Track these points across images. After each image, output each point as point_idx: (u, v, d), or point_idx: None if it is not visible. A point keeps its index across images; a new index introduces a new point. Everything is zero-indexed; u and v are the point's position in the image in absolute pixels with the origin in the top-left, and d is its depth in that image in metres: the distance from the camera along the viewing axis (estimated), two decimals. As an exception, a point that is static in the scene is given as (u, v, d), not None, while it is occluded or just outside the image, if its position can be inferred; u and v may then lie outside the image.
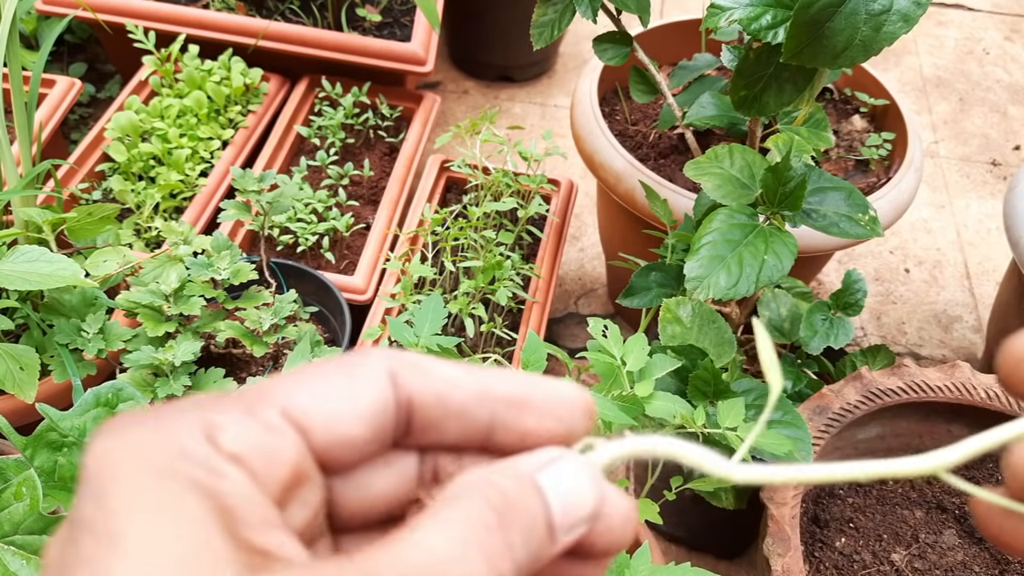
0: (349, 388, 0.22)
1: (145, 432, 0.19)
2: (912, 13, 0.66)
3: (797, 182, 0.73)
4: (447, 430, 0.23)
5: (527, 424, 0.23)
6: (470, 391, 0.23)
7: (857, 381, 0.86)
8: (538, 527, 0.21)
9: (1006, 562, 0.82)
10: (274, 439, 0.20)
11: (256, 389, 0.21)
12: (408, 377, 0.23)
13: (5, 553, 0.54)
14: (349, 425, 0.21)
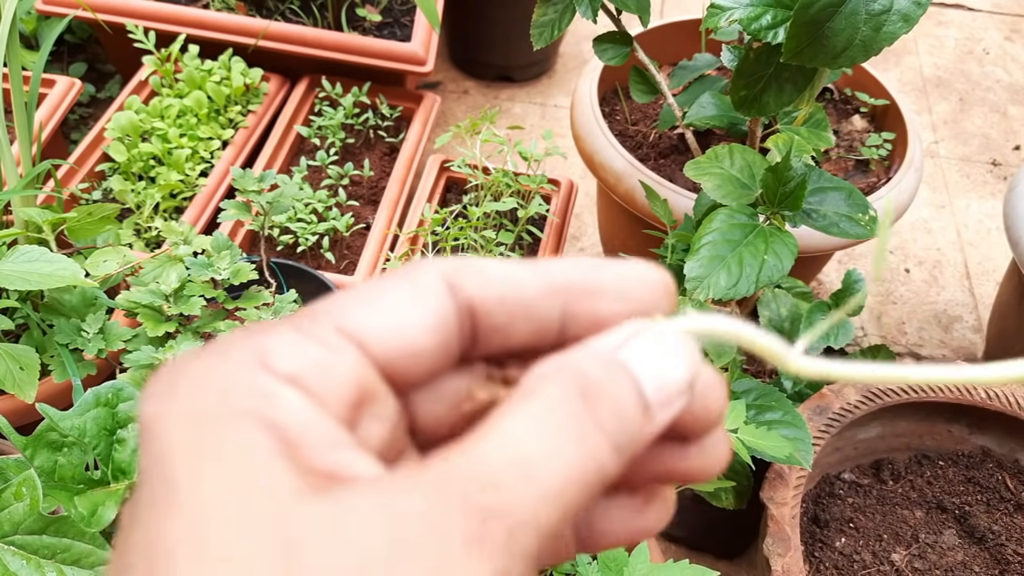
0: (406, 299, 0.20)
1: (196, 372, 0.19)
2: (912, 13, 0.66)
3: (797, 182, 0.73)
4: (515, 332, 0.22)
5: (602, 311, 0.22)
6: (534, 287, 0.21)
7: (857, 381, 0.86)
8: (630, 406, 0.20)
9: (1006, 562, 0.82)
10: (331, 356, 0.19)
11: (307, 311, 0.20)
12: (466, 282, 0.21)
13: (5, 553, 0.54)
14: (410, 336, 0.20)
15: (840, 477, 0.91)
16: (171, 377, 0.19)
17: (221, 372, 0.18)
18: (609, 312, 0.22)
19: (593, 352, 0.20)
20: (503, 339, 0.22)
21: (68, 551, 0.55)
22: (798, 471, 0.79)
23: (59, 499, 0.57)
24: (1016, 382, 0.22)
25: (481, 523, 0.17)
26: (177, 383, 0.19)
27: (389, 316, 0.20)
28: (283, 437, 0.18)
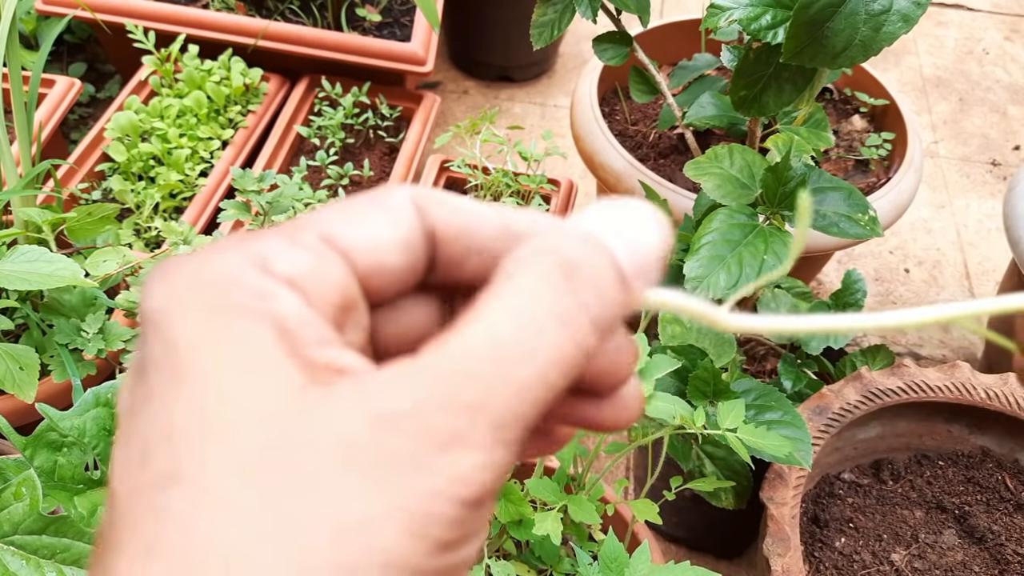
0: (381, 217, 0.21)
1: (197, 269, 0.19)
2: (912, 13, 0.66)
3: (797, 182, 0.73)
4: (468, 267, 0.22)
5: None
6: (493, 226, 0.22)
7: (857, 381, 0.86)
8: (609, 280, 0.20)
9: (1006, 562, 0.82)
10: (320, 263, 0.20)
11: (292, 222, 0.21)
12: (432, 209, 0.22)
13: (5, 553, 0.54)
14: (387, 251, 0.21)
15: (840, 477, 0.91)
16: (172, 274, 0.20)
17: (222, 271, 0.19)
18: None
19: (568, 230, 0.21)
20: (456, 271, 0.23)
21: (68, 551, 0.55)
22: (798, 471, 0.79)
23: (59, 499, 0.57)
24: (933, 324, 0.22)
25: (465, 419, 0.17)
26: (178, 279, 0.19)
27: (367, 231, 0.21)
28: (284, 331, 0.18)
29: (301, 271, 0.20)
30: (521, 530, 0.63)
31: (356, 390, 0.18)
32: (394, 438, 0.17)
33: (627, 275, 0.20)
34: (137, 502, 0.17)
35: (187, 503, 0.17)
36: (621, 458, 0.97)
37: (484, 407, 0.18)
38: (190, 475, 0.17)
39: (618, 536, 0.64)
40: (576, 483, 0.69)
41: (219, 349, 0.18)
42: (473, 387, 0.18)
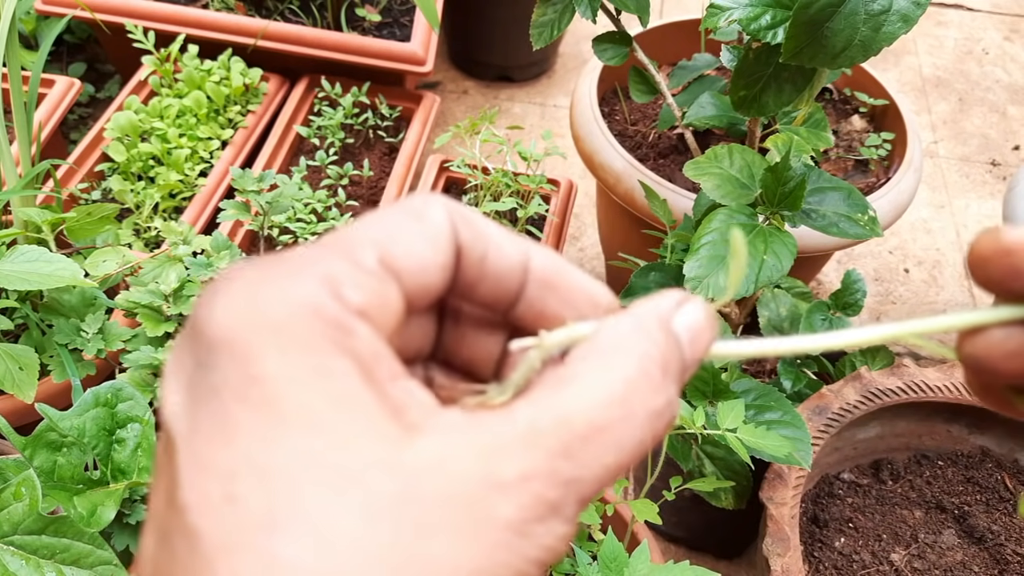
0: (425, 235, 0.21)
1: (271, 292, 0.19)
2: (911, 13, 0.66)
3: (796, 182, 0.73)
4: (479, 292, 0.23)
5: (550, 307, 0.23)
6: (514, 259, 0.23)
7: (856, 381, 0.86)
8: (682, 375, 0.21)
9: (1005, 562, 0.82)
10: (383, 289, 0.20)
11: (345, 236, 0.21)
12: (463, 230, 0.22)
13: (4, 553, 0.54)
14: (432, 273, 0.21)
15: (839, 477, 0.91)
16: (243, 295, 0.19)
17: (302, 299, 0.19)
18: (554, 310, 0.23)
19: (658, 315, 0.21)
20: (469, 294, 0.23)
21: (67, 551, 0.55)
22: (797, 471, 0.79)
23: (58, 499, 0.57)
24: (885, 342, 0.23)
25: (562, 494, 0.18)
26: (254, 303, 0.19)
27: (416, 252, 0.21)
28: (366, 369, 0.19)
29: (371, 301, 0.19)
30: (521, 530, 0.63)
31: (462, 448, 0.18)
32: (504, 505, 0.18)
33: (687, 366, 0.22)
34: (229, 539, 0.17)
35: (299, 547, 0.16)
36: (621, 458, 0.97)
37: (576, 483, 0.18)
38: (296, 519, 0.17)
39: (618, 536, 0.64)
40: (576, 483, 0.69)
41: (311, 389, 0.18)
42: (570, 465, 0.18)
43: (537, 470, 0.18)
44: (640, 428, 0.19)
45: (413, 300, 0.21)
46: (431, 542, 0.17)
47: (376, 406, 0.18)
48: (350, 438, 0.17)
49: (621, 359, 0.20)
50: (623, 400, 0.19)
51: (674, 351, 0.21)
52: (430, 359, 0.25)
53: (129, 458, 0.61)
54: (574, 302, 0.23)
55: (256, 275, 0.19)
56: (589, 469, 0.19)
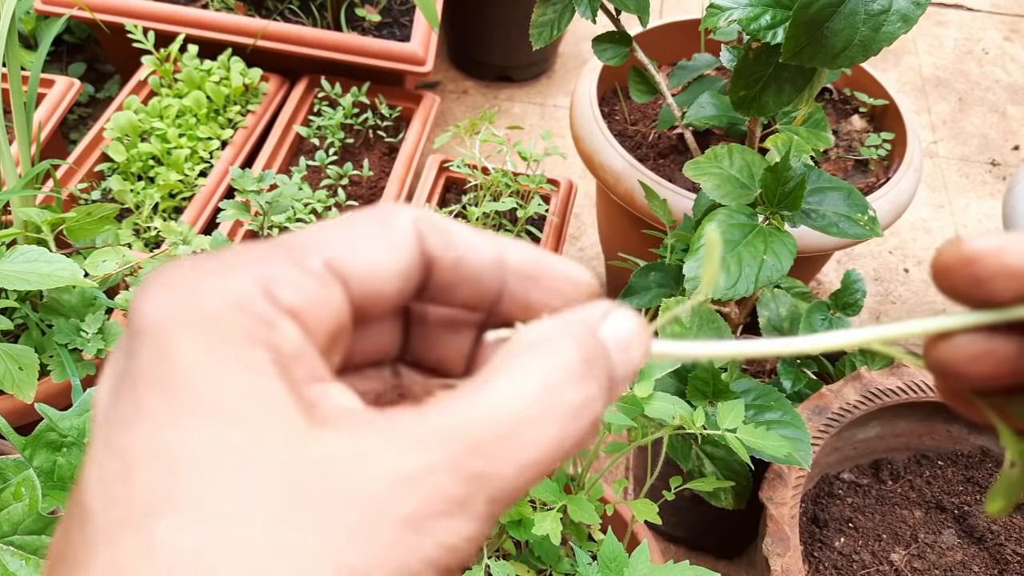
0: (386, 241, 0.21)
1: (203, 285, 0.19)
2: (911, 13, 0.66)
3: (796, 182, 0.73)
4: (458, 294, 0.23)
5: (534, 298, 0.23)
6: (488, 259, 0.23)
7: (856, 381, 0.86)
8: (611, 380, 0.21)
9: (1005, 562, 0.82)
10: (323, 291, 0.20)
11: (298, 239, 0.21)
12: (432, 238, 0.22)
13: (4, 553, 0.54)
14: (385, 280, 0.21)
15: (839, 477, 0.91)
16: (174, 285, 0.19)
17: (230, 293, 0.19)
18: (539, 300, 0.23)
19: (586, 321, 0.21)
20: (446, 298, 0.23)
21: (67, 551, 0.55)
22: (797, 471, 0.79)
23: (58, 499, 0.57)
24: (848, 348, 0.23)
25: (468, 489, 0.18)
26: (181, 293, 0.19)
27: (370, 257, 0.21)
28: (284, 365, 0.19)
29: (304, 302, 0.20)
30: (520, 530, 0.63)
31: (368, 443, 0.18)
32: (405, 499, 0.17)
33: (616, 379, 0.21)
34: (116, 520, 0.17)
35: (180, 531, 0.16)
36: (621, 458, 0.97)
37: (486, 480, 0.18)
38: (187, 503, 0.16)
39: (617, 536, 0.64)
40: (575, 483, 0.69)
41: (223, 378, 0.18)
42: (479, 461, 0.18)
43: (442, 465, 0.18)
44: (557, 429, 0.19)
45: (366, 305, 0.21)
46: (323, 535, 0.17)
47: (287, 401, 0.18)
48: (254, 428, 0.17)
49: (540, 360, 0.20)
50: (539, 400, 0.19)
51: (598, 356, 0.21)
52: (400, 359, 0.26)
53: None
54: (557, 289, 0.23)
55: (192, 269, 0.19)
56: (501, 466, 0.18)
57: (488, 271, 0.23)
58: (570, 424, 0.19)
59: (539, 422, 0.19)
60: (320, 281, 0.20)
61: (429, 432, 0.18)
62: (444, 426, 0.18)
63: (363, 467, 0.17)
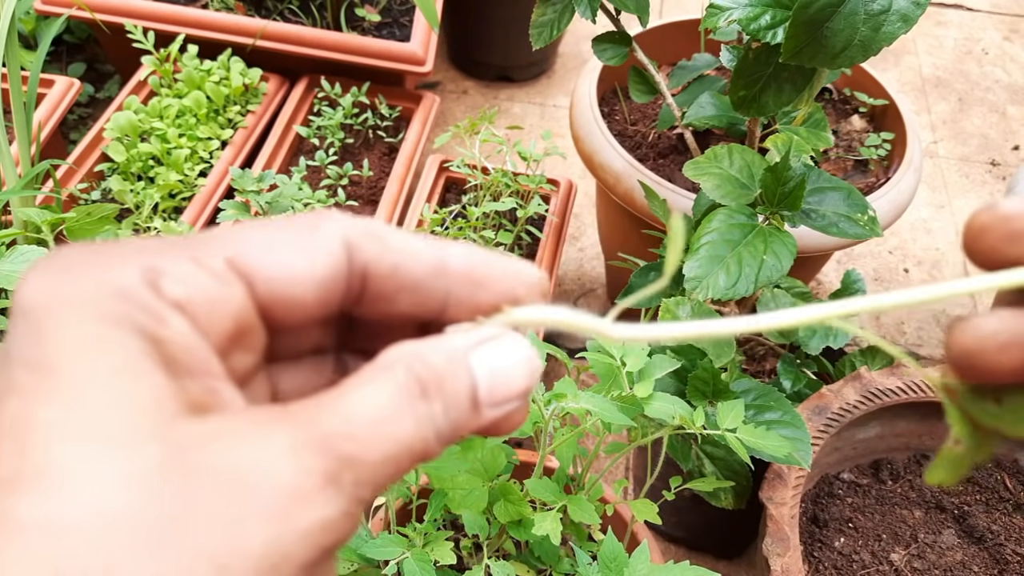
0: (303, 247, 0.21)
1: (86, 272, 0.19)
2: (911, 13, 0.66)
3: (796, 182, 0.73)
4: (400, 302, 0.23)
5: (482, 301, 0.23)
6: (427, 265, 0.23)
7: (856, 381, 0.86)
8: (462, 402, 0.21)
9: (1005, 562, 0.82)
10: (220, 289, 0.20)
11: (208, 236, 0.21)
12: (366, 247, 0.22)
13: None
14: (296, 285, 0.21)
15: (839, 477, 0.91)
16: (58, 270, 0.19)
17: (112, 281, 0.19)
18: (488, 304, 0.23)
19: (446, 347, 0.22)
20: (387, 306, 0.23)
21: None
22: (797, 471, 0.79)
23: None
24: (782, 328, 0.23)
25: (338, 467, 0.19)
26: (65, 278, 0.19)
27: (281, 261, 0.21)
28: (166, 356, 0.19)
29: (195, 296, 0.20)
30: (520, 530, 0.63)
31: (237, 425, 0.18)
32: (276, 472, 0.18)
33: (482, 403, 0.22)
34: None
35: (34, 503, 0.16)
36: (620, 458, 0.97)
37: (355, 463, 0.19)
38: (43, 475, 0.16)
39: (617, 536, 0.64)
40: (575, 483, 0.69)
41: (95, 360, 0.18)
42: (349, 444, 0.19)
43: (312, 442, 0.18)
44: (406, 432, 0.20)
45: (280, 309, 0.21)
46: (189, 508, 0.17)
47: (164, 387, 0.18)
48: (123, 408, 0.17)
49: (385, 376, 0.21)
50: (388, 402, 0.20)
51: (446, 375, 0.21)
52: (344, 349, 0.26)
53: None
54: (505, 290, 0.24)
55: (78, 256, 0.20)
56: (367, 452, 0.19)
57: (429, 277, 0.23)
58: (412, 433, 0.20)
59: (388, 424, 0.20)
60: (218, 279, 0.20)
61: (301, 416, 0.19)
62: (314, 413, 0.19)
63: (233, 444, 0.18)
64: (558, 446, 0.65)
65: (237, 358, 0.21)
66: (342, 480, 0.18)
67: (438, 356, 0.21)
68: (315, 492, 0.18)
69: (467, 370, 0.22)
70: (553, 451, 0.66)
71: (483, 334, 0.23)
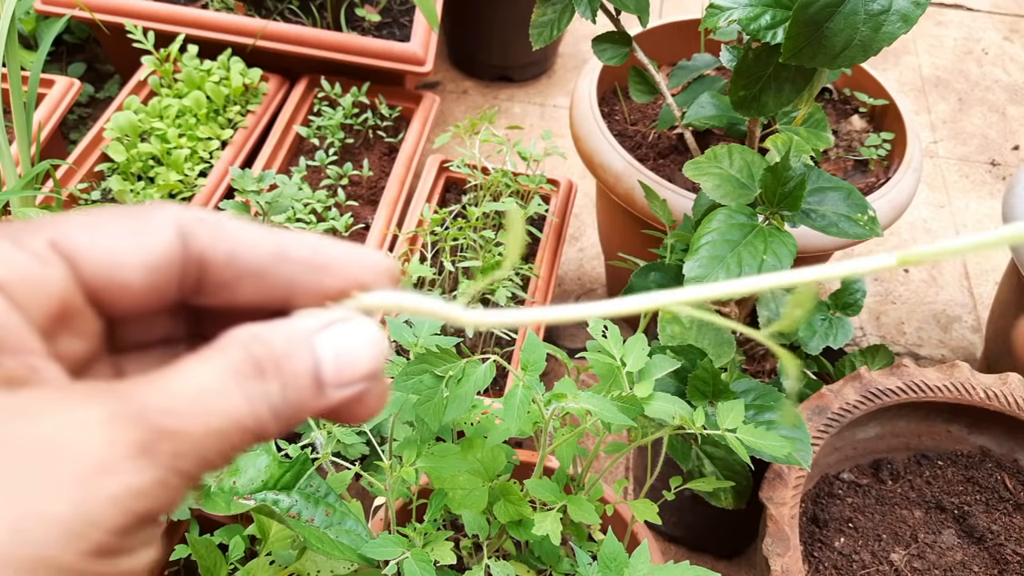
0: (131, 233, 0.22)
1: None
2: (911, 13, 0.66)
3: (796, 182, 0.73)
4: (242, 291, 0.23)
5: (328, 287, 0.23)
6: (267, 252, 0.23)
7: (856, 381, 0.86)
8: (302, 383, 0.22)
9: (1005, 562, 0.82)
10: (40, 269, 0.20)
11: (34, 220, 0.21)
12: (201, 234, 0.22)
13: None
14: (122, 269, 0.21)
15: (839, 477, 0.91)
16: None
17: None
18: (334, 289, 0.24)
19: (287, 329, 0.22)
20: (229, 295, 0.23)
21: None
22: (797, 471, 0.79)
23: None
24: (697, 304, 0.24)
25: (152, 438, 0.19)
26: None
27: (107, 244, 0.21)
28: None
29: (11, 275, 0.20)
30: (521, 530, 0.63)
31: (47, 396, 0.19)
32: (88, 441, 0.18)
33: (326, 384, 0.22)
34: None
35: None
36: (620, 458, 0.97)
37: (173, 435, 0.19)
38: None
39: (617, 536, 0.64)
40: (575, 483, 0.69)
41: None
42: (167, 417, 0.19)
43: (124, 414, 0.19)
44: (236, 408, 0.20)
45: (108, 292, 0.21)
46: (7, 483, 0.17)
47: None
48: None
49: (221, 354, 0.21)
50: (220, 378, 0.20)
51: (284, 355, 0.21)
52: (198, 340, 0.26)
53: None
54: (351, 276, 0.24)
55: None
56: (187, 425, 0.19)
57: (270, 264, 0.23)
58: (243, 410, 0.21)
59: (217, 399, 0.20)
60: (38, 259, 0.20)
61: (122, 393, 0.19)
62: (136, 389, 0.19)
63: (44, 415, 0.18)
64: (558, 446, 0.65)
65: (67, 341, 0.21)
66: (157, 451, 0.19)
67: (278, 337, 0.22)
68: (124, 461, 0.18)
69: (309, 351, 0.22)
70: (553, 451, 0.66)
71: (329, 317, 0.23)
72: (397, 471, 0.62)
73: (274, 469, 0.62)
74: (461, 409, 0.57)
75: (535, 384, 0.59)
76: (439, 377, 0.58)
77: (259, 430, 0.21)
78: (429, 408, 0.58)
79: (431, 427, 0.61)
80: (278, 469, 0.62)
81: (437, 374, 0.58)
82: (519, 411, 0.57)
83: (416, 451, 0.62)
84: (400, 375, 0.58)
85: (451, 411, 0.58)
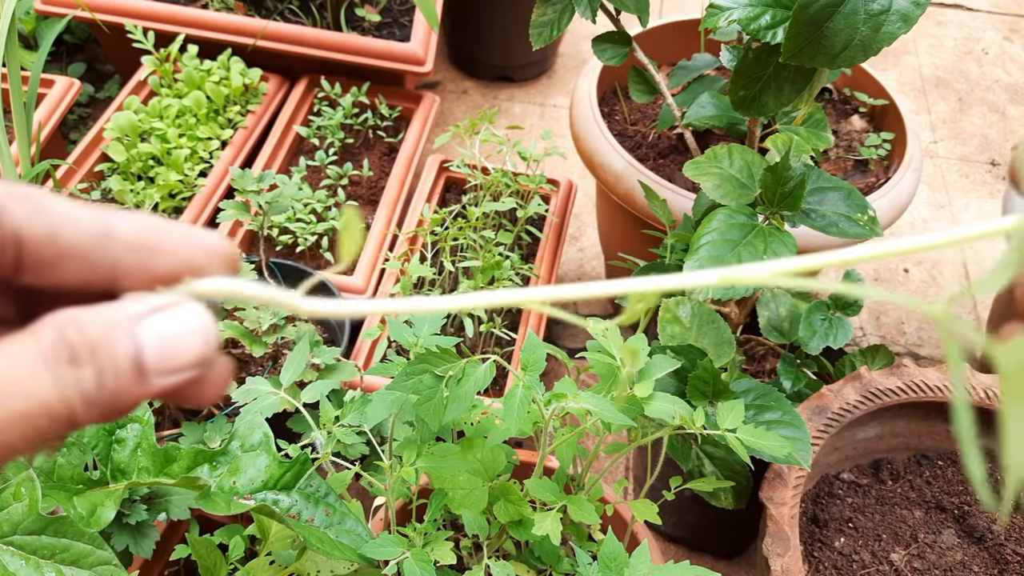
0: None
1: None
2: (911, 13, 0.66)
3: (796, 182, 0.73)
4: (66, 271, 0.23)
5: (158, 269, 0.23)
6: (90, 231, 0.22)
7: (856, 381, 0.86)
8: (121, 368, 0.21)
9: (1005, 562, 0.82)
10: None
11: None
12: (16, 210, 0.22)
13: (4, 554, 0.54)
14: None
15: (839, 477, 0.91)
16: None
17: None
18: (164, 272, 0.23)
19: (107, 314, 0.22)
20: (54, 275, 0.23)
21: (67, 551, 0.55)
22: (797, 471, 0.79)
23: (58, 499, 0.57)
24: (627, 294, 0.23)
25: None
26: None
27: None
28: None
29: None
30: (521, 530, 0.63)
31: None
32: None
33: (149, 371, 0.22)
34: None
35: None
36: (620, 458, 0.97)
37: None
38: None
39: (617, 536, 0.64)
40: (575, 483, 0.69)
41: None
42: None
43: None
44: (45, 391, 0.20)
45: None
46: None
47: None
48: None
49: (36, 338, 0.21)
50: (31, 362, 0.20)
51: (101, 342, 0.21)
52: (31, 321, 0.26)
53: (129, 458, 0.61)
54: (182, 258, 0.23)
55: None
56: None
57: (93, 243, 0.22)
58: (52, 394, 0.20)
59: (24, 382, 0.20)
60: None
61: None
62: None
63: None
64: (558, 446, 0.65)
65: None
66: None
67: (95, 321, 0.21)
68: None
69: (130, 337, 0.21)
70: (553, 451, 0.66)
71: (156, 302, 0.22)
72: (397, 471, 0.62)
73: (274, 469, 0.62)
74: (461, 409, 0.57)
75: (535, 384, 0.59)
76: (439, 377, 0.58)
77: (70, 416, 0.21)
78: (429, 408, 0.58)
79: (431, 427, 0.61)
80: (278, 469, 0.62)
81: (437, 374, 0.58)
82: (519, 411, 0.57)
83: (416, 451, 0.62)
84: (400, 375, 0.58)
85: (451, 411, 0.58)
